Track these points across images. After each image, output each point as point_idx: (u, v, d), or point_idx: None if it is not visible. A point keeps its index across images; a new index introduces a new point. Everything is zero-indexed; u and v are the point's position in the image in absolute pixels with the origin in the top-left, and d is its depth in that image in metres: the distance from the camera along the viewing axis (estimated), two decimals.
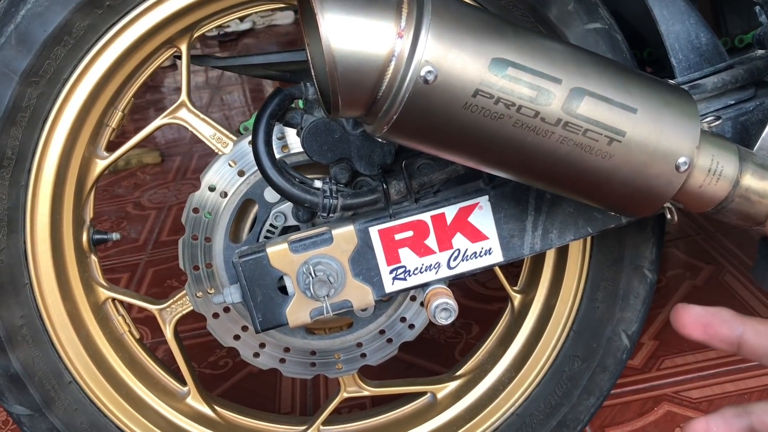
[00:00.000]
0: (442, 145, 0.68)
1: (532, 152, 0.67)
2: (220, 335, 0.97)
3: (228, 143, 0.96)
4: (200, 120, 0.97)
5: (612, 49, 0.91)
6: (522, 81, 0.64)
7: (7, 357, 0.94)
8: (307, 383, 1.49)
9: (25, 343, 0.95)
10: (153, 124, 0.98)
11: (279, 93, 0.82)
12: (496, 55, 0.63)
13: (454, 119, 0.64)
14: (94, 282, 1.02)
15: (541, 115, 0.65)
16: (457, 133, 0.65)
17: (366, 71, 0.62)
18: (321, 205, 0.81)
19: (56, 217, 0.95)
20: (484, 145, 0.67)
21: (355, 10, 0.61)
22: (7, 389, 0.95)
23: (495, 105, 0.64)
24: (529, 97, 0.65)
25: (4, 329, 0.93)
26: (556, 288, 1.03)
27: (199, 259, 0.94)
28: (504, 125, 0.65)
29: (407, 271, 0.86)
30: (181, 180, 2.66)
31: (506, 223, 0.86)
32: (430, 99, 0.63)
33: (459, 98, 0.63)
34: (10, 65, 0.86)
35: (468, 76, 0.63)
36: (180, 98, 0.97)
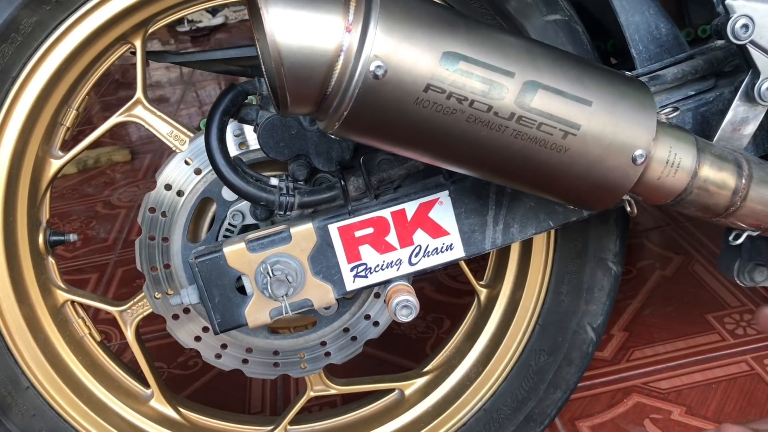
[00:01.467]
0: (395, 142, 0.67)
1: (487, 147, 0.66)
2: (180, 337, 0.96)
3: (186, 140, 0.94)
4: (156, 117, 0.95)
5: (572, 41, 0.91)
6: (474, 75, 0.63)
7: None
8: (277, 382, 1.48)
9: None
10: (107, 122, 0.96)
11: (232, 89, 0.80)
12: (447, 49, 0.62)
13: (406, 115, 0.63)
14: (52, 284, 0.99)
15: (494, 110, 0.64)
16: (409, 129, 0.64)
17: (314, 67, 0.61)
18: (277, 203, 0.80)
19: (9, 219, 0.93)
20: (438, 141, 0.65)
21: (300, 4, 0.60)
22: None
23: (447, 100, 0.63)
24: (482, 92, 0.64)
25: None
26: (522, 282, 1.03)
27: (157, 260, 0.92)
28: (457, 120, 0.64)
29: (368, 268, 0.85)
30: (151, 178, 2.62)
31: (467, 218, 0.85)
32: (381, 94, 0.62)
33: (410, 93, 0.62)
34: None
35: (419, 71, 0.62)
36: (135, 95, 0.95)
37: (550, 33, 0.90)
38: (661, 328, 1.45)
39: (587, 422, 1.24)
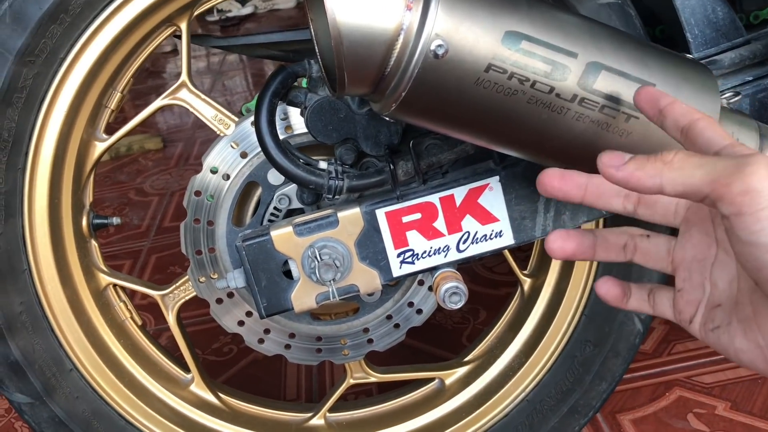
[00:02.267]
0: (453, 124, 0.65)
1: (547, 130, 0.65)
2: (223, 321, 0.95)
3: (230, 124, 0.93)
4: (201, 101, 0.95)
5: (625, 24, 0.88)
6: (536, 55, 0.62)
7: (6, 344, 0.92)
8: (312, 369, 1.47)
9: (24, 330, 0.93)
10: (153, 105, 0.96)
11: (282, 71, 0.79)
12: (510, 28, 0.61)
13: (465, 96, 0.62)
14: (95, 267, 0.99)
15: (556, 91, 0.63)
16: (468, 110, 0.63)
17: (373, 46, 0.59)
18: (326, 187, 0.79)
19: (55, 202, 0.93)
20: (497, 122, 0.64)
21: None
22: (7, 377, 0.93)
23: (508, 80, 0.61)
24: (544, 72, 0.62)
25: (3, 316, 0.91)
26: (568, 272, 1.01)
27: (202, 244, 0.92)
28: (517, 102, 0.62)
29: (415, 254, 0.84)
30: (183, 166, 2.63)
31: (517, 205, 0.84)
32: (441, 75, 0.60)
33: (471, 73, 0.60)
34: (5, 44, 0.84)
35: (480, 50, 0.60)
36: (180, 79, 0.95)
37: (603, 16, 0.87)
38: None
39: (628, 415, 1.22)
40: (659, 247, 0.60)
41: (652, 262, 0.60)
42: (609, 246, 0.61)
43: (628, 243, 0.61)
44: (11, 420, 1.46)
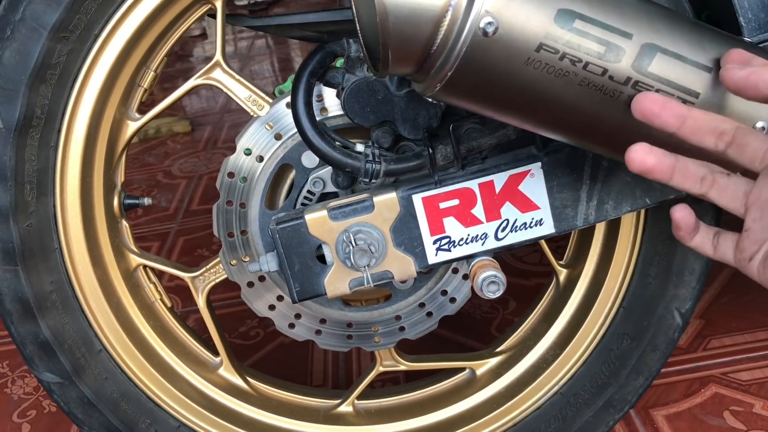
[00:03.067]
0: (499, 105, 0.63)
1: (598, 114, 0.62)
2: (254, 305, 0.94)
3: (264, 105, 0.92)
4: (235, 81, 0.93)
5: (675, 6, 0.85)
6: (590, 35, 0.59)
7: (36, 323, 0.91)
8: (339, 355, 1.46)
9: (54, 309, 0.92)
10: (187, 84, 0.94)
11: (320, 50, 0.77)
12: (563, 6, 0.58)
13: (514, 76, 0.59)
14: (125, 248, 0.99)
15: (609, 73, 0.60)
16: (516, 91, 0.60)
17: (419, 23, 0.57)
18: (363, 170, 0.77)
19: (86, 180, 0.92)
20: (546, 105, 0.61)
21: None
22: (37, 356, 0.93)
23: (560, 61, 0.59)
24: (597, 53, 0.59)
25: (34, 295, 0.90)
26: (606, 263, 0.98)
27: (234, 226, 0.90)
28: (569, 84, 0.60)
29: (452, 241, 0.82)
30: (211, 149, 2.63)
31: (559, 193, 0.81)
32: (489, 54, 0.58)
33: (521, 53, 0.58)
34: (39, 19, 0.83)
35: (531, 29, 0.57)
36: (214, 58, 0.93)
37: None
38: (740, 317, 1.39)
39: (662, 411, 1.19)
40: (737, 186, 0.61)
41: (726, 199, 0.61)
42: (688, 173, 0.61)
43: (707, 176, 0.61)
44: (39, 398, 1.47)
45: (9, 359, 1.61)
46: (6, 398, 1.49)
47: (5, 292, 0.90)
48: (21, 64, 0.83)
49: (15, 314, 0.91)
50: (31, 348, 0.92)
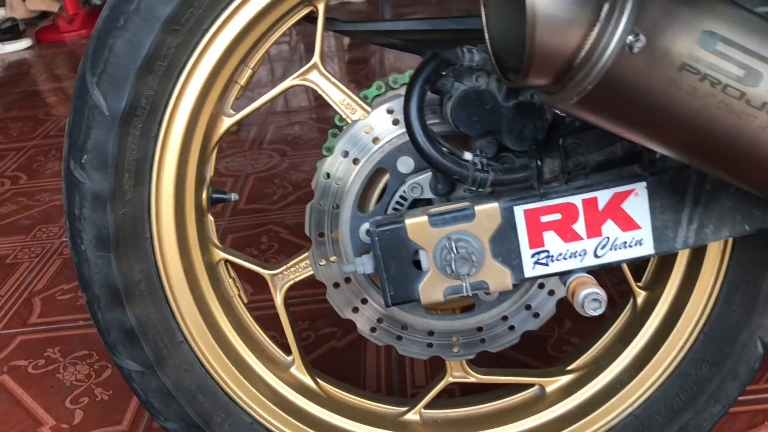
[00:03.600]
0: (631, 122, 0.63)
1: (729, 137, 0.62)
2: (338, 306, 0.94)
3: (357, 110, 0.92)
4: (331, 84, 0.94)
5: None
6: (731, 58, 0.59)
7: (124, 311, 0.92)
8: (392, 363, 1.46)
9: (142, 298, 0.93)
10: (283, 84, 0.95)
11: (434, 58, 0.78)
12: (707, 28, 0.58)
13: (653, 95, 0.59)
14: (210, 242, 0.99)
15: (746, 97, 0.60)
16: (652, 109, 0.60)
17: (567, 35, 0.57)
18: (471, 179, 0.77)
19: (181, 173, 0.93)
20: (679, 125, 0.61)
21: None
22: (120, 343, 0.94)
23: (700, 82, 0.59)
24: (737, 77, 0.59)
25: (123, 282, 0.91)
26: (688, 287, 0.97)
27: (326, 226, 0.91)
28: (705, 105, 0.60)
29: (550, 256, 0.82)
30: (257, 150, 2.65)
31: (661, 213, 0.81)
32: (633, 70, 0.58)
33: (663, 71, 0.58)
34: (153, 11, 0.84)
35: (676, 48, 0.58)
36: (312, 60, 0.94)
37: None
38: None
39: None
40: None
41: None
42: None
43: None
44: (91, 386, 1.48)
45: (60, 345, 1.62)
46: (58, 384, 1.50)
47: (96, 277, 0.91)
48: (132, 53, 0.85)
49: (103, 300, 0.92)
50: (115, 335, 0.93)
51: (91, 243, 0.90)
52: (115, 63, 0.85)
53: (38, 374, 1.53)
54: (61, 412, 1.42)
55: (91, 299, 0.92)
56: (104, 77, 0.85)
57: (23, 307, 1.78)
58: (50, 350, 1.61)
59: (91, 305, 0.93)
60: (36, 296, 1.82)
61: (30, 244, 2.09)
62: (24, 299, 1.81)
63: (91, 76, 0.85)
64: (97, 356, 1.57)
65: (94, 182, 0.88)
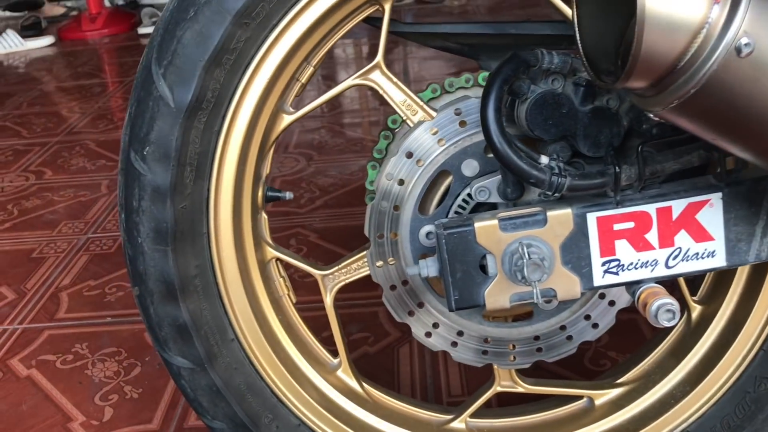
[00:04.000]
0: (729, 129, 0.62)
1: None
2: (394, 309, 0.93)
3: (417, 111, 0.91)
4: (392, 84, 0.93)
5: None
6: None
7: (178, 306, 0.91)
8: (426, 372, 1.44)
9: (196, 293, 0.92)
10: (344, 83, 0.94)
11: (514, 59, 0.77)
12: None
13: (757, 101, 0.58)
14: (263, 240, 0.98)
15: None
16: (754, 116, 0.59)
17: (674, 36, 0.56)
18: (548, 183, 0.76)
19: (241, 168, 0.91)
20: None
21: None
22: (172, 339, 0.92)
23: None
24: None
25: (179, 277, 0.90)
26: (748, 303, 0.96)
27: (386, 227, 0.90)
28: None
29: (621, 265, 0.80)
30: (283, 153, 2.64)
31: (735, 225, 0.79)
32: (739, 75, 0.57)
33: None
34: (224, 3, 0.83)
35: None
36: (375, 59, 0.93)
37: None
38: None
39: None
40: None
41: None
42: None
43: None
44: (120, 383, 1.47)
45: (89, 341, 1.61)
46: (87, 380, 1.49)
47: (151, 271, 0.90)
48: (201, 46, 0.84)
49: (157, 294, 0.91)
50: (167, 330, 0.92)
51: (149, 236, 0.89)
52: (183, 55, 0.84)
53: (67, 369, 1.52)
54: (91, 409, 1.40)
55: (144, 293, 0.91)
56: (171, 69, 0.84)
57: (50, 302, 1.76)
58: (78, 346, 1.60)
59: (143, 299, 0.92)
60: (63, 291, 1.81)
61: (55, 239, 2.08)
62: (51, 294, 1.80)
63: (158, 67, 0.84)
64: (125, 354, 1.55)
65: (155, 174, 0.87)
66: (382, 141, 0.98)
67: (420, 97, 0.96)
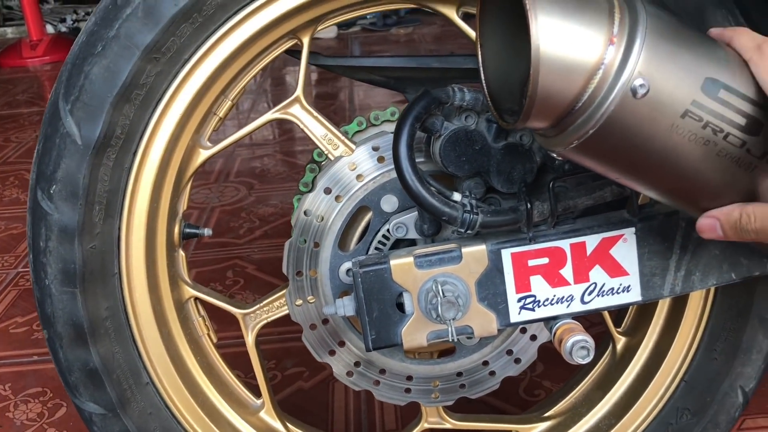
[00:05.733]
0: (630, 168, 0.62)
1: (728, 185, 0.61)
2: (314, 348, 0.91)
3: (339, 145, 0.90)
4: (313, 118, 0.92)
5: None
6: (733, 106, 0.58)
7: (88, 350, 0.87)
8: (361, 406, 1.42)
9: (107, 336, 0.88)
10: (264, 117, 0.93)
11: (425, 96, 0.76)
12: (710, 75, 0.58)
13: (655, 140, 0.58)
14: (180, 278, 0.95)
15: (747, 146, 0.59)
16: (652, 155, 0.59)
17: (570, 77, 0.56)
18: (460, 220, 0.75)
19: (154, 206, 0.89)
20: (678, 171, 0.60)
21: (566, 13, 0.56)
22: (83, 384, 0.88)
23: (702, 129, 0.58)
24: (738, 125, 0.59)
25: (89, 320, 0.87)
26: (670, 334, 0.96)
27: (304, 265, 0.88)
28: (707, 153, 0.59)
29: (537, 301, 0.80)
30: (223, 182, 2.60)
31: (649, 260, 0.80)
32: (635, 115, 0.57)
33: (666, 118, 0.57)
34: (133, 38, 0.81)
35: (679, 94, 0.57)
36: (295, 93, 0.92)
37: None
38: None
39: None
40: None
41: None
42: None
43: None
44: (43, 425, 1.41)
45: (12, 381, 1.55)
46: (8, 423, 1.42)
47: (59, 314, 0.86)
48: (109, 81, 0.81)
49: (66, 338, 0.87)
50: (77, 375, 0.88)
51: (56, 278, 0.85)
52: (91, 90, 0.81)
53: None
54: None
55: (53, 337, 0.87)
56: (78, 105, 0.82)
57: None
58: (0, 387, 1.53)
59: (53, 343, 0.88)
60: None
61: None
62: None
63: (65, 103, 0.82)
64: (51, 394, 1.50)
65: (62, 214, 0.84)
66: (308, 174, 0.96)
67: (343, 131, 0.96)
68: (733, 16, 0.82)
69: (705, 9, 0.80)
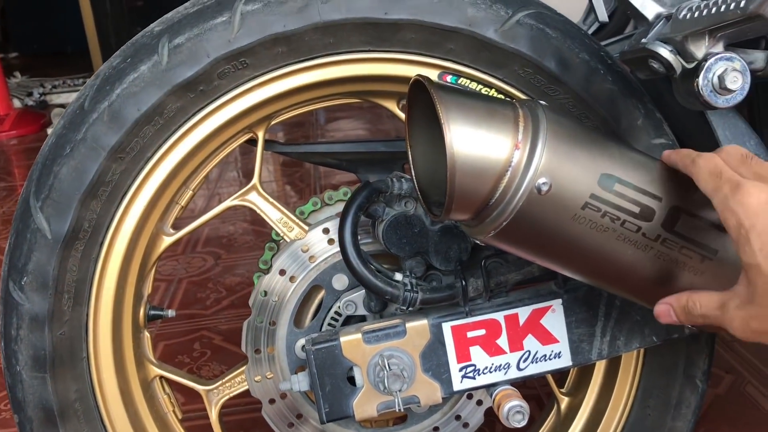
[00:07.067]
0: (543, 252, 0.70)
1: (630, 265, 0.69)
2: (274, 422, 0.96)
3: (293, 228, 0.97)
4: (269, 204, 0.99)
5: None
6: (627, 197, 0.67)
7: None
8: None
9: (76, 418, 0.93)
10: (223, 204, 1.00)
11: (367, 187, 0.84)
12: (605, 171, 0.66)
13: (562, 229, 0.66)
14: (145, 358, 1.01)
15: (642, 230, 0.68)
16: (561, 242, 0.68)
17: (483, 178, 0.65)
18: (401, 298, 0.82)
19: (120, 292, 0.95)
20: (586, 255, 0.69)
21: (476, 123, 0.64)
22: None
23: (602, 218, 0.66)
24: (633, 213, 0.67)
25: (59, 403, 0.91)
26: (607, 392, 1.03)
27: (262, 343, 0.94)
28: (608, 238, 0.67)
29: (477, 369, 0.87)
30: (190, 253, 2.65)
31: (577, 328, 0.87)
32: (542, 209, 0.65)
33: (569, 209, 0.66)
34: (99, 140, 0.88)
35: (579, 189, 0.65)
36: (252, 182, 0.99)
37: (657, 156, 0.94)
38: None
39: None
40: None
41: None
42: None
43: None
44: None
45: None
46: None
47: (29, 399, 0.91)
48: (77, 180, 0.88)
49: (36, 422, 0.91)
50: None
51: (27, 364, 0.90)
52: (60, 189, 0.88)
53: None
54: None
55: (23, 421, 0.92)
56: (48, 202, 0.88)
57: None
58: None
59: (23, 427, 0.92)
60: None
61: None
62: None
63: (35, 201, 0.88)
64: None
65: (33, 304, 0.89)
66: (267, 252, 1.03)
67: (299, 211, 1.03)
68: (642, 104, 0.92)
69: (616, 100, 0.90)
